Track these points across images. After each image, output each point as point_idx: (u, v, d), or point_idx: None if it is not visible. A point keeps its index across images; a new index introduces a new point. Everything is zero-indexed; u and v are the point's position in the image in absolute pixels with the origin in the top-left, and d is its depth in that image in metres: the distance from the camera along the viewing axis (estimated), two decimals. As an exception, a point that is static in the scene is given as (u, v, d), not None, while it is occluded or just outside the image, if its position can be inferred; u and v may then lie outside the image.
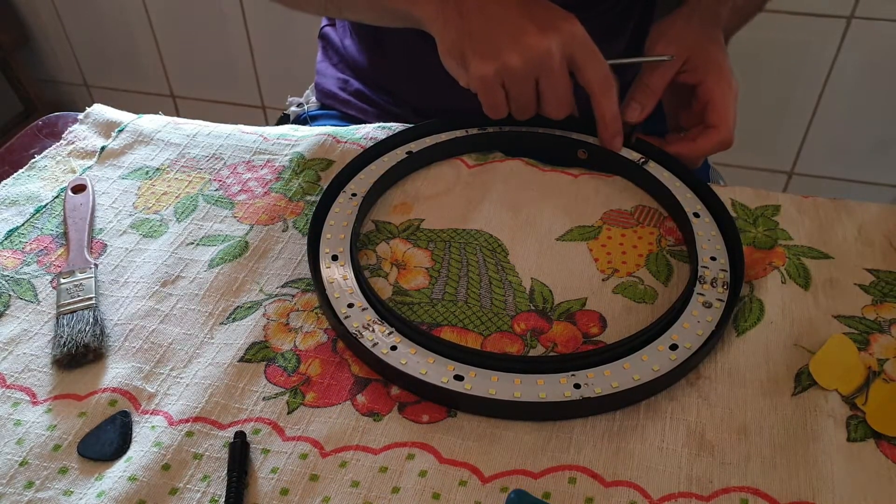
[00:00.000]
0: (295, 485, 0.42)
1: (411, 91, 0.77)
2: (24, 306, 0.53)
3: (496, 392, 0.45)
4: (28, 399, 0.47)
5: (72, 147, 0.67)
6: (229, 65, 1.63)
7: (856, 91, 1.35)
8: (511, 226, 0.57)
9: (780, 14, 1.27)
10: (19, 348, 0.50)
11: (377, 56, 0.78)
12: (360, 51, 0.79)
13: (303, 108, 0.86)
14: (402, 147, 0.63)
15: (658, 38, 0.63)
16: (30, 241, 0.58)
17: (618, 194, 0.60)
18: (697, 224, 0.55)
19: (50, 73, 1.87)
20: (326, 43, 0.85)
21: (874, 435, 0.43)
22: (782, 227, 0.56)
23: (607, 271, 0.54)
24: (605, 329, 0.50)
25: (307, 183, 0.62)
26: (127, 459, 0.43)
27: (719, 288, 0.50)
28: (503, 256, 0.55)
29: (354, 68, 0.80)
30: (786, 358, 0.48)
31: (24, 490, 0.42)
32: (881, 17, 1.26)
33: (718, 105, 0.60)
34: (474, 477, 0.42)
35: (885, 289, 0.51)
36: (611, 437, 0.44)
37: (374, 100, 0.79)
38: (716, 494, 0.41)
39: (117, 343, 0.50)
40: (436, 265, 0.55)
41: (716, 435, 0.44)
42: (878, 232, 0.55)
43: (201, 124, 0.69)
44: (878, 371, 0.46)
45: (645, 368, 0.46)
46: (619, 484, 0.42)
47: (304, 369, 0.48)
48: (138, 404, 0.46)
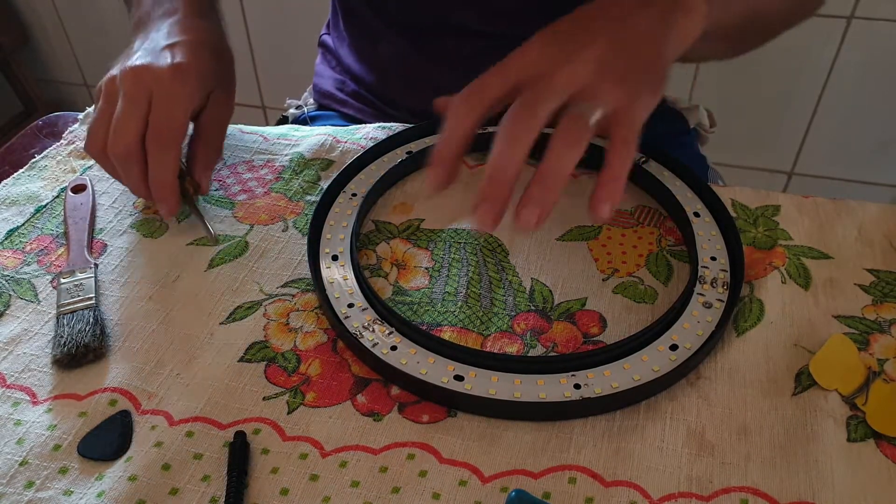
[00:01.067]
0: (295, 485, 0.42)
1: (407, 99, 0.76)
2: (24, 306, 0.53)
3: (496, 392, 0.45)
4: (28, 399, 0.47)
5: (72, 147, 0.67)
6: (229, 65, 1.63)
7: (856, 91, 1.35)
8: (511, 226, 0.57)
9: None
10: (19, 348, 0.50)
11: (373, 67, 0.78)
12: (356, 60, 0.79)
13: (301, 109, 0.86)
14: (402, 147, 0.63)
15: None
16: (30, 241, 0.58)
17: (618, 194, 0.60)
18: (697, 224, 0.55)
19: (50, 73, 1.87)
20: (325, 49, 0.85)
21: (874, 435, 0.43)
22: (782, 227, 0.56)
23: (607, 271, 0.54)
24: (605, 329, 0.50)
25: (307, 183, 0.62)
26: (127, 459, 0.43)
27: (719, 288, 0.50)
28: (503, 256, 0.55)
29: (351, 74, 0.80)
30: (786, 358, 0.48)
31: (25, 490, 0.42)
32: (881, 17, 1.27)
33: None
34: (474, 477, 0.42)
35: (885, 289, 0.52)
36: (611, 437, 0.44)
37: (372, 101, 0.79)
38: (716, 494, 0.41)
39: (117, 343, 0.50)
40: (436, 265, 0.55)
41: (716, 435, 0.44)
42: (878, 232, 0.56)
43: (201, 124, 0.69)
44: (878, 371, 0.46)
45: (645, 369, 0.46)
46: (619, 484, 0.42)
47: (304, 369, 0.48)
48: (138, 404, 0.46)
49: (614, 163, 0.44)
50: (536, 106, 0.45)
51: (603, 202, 0.44)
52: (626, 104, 0.46)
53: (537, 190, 0.43)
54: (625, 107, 0.45)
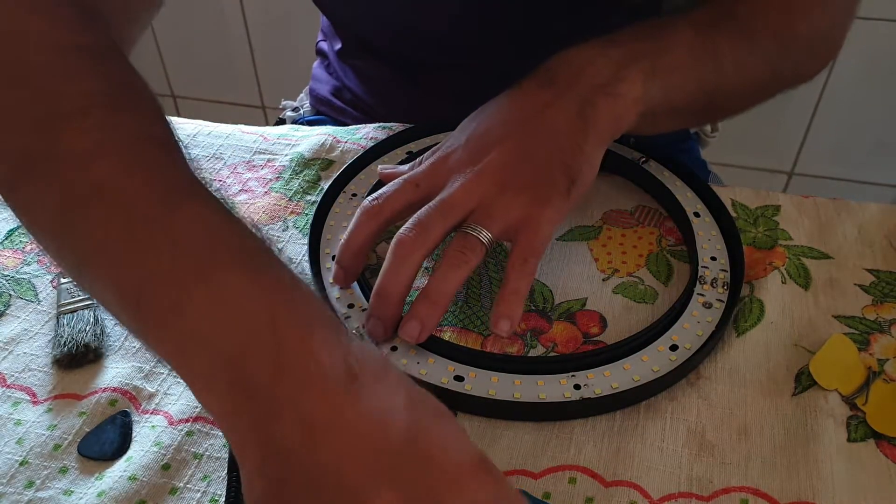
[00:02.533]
0: (295, 485, 0.42)
1: (402, 113, 0.75)
2: (24, 306, 0.53)
3: (496, 392, 0.45)
4: (28, 399, 0.47)
5: (72, 147, 0.67)
6: (229, 65, 1.63)
7: (856, 91, 1.35)
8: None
9: (780, 14, 1.27)
10: (19, 348, 0.50)
11: (365, 83, 0.77)
12: (348, 77, 0.79)
13: (298, 112, 0.85)
14: (402, 147, 0.63)
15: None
16: (30, 241, 0.58)
17: (618, 194, 0.60)
18: (697, 224, 0.55)
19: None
20: (322, 56, 0.85)
21: (874, 435, 0.43)
22: (782, 227, 0.56)
23: (607, 271, 0.54)
24: (605, 329, 0.50)
25: (307, 183, 0.62)
26: (127, 459, 0.43)
27: (719, 288, 0.50)
28: (503, 257, 0.55)
29: (347, 87, 0.80)
30: (786, 358, 0.48)
31: (25, 489, 0.42)
32: (881, 17, 1.26)
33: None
34: (474, 477, 0.42)
35: (886, 289, 0.52)
36: (611, 437, 0.44)
37: (370, 110, 0.78)
38: (716, 494, 0.41)
39: (118, 343, 0.50)
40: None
41: (716, 435, 0.44)
42: (878, 232, 0.56)
43: (201, 124, 0.69)
44: (878, 371, 0.46)
45: (645, 369, 0.46)
46: (619, 484, 0.42)
47: (304, 369, 0.48)
48: (138, 404, 0.46)
49: (511, 278, 0.45)
50: (429, 226, 0.46)
51: (501, 317, 0.45)
52: (528, 213, 0.46)
53: (422, 307, 0.45)
54: (527, 216, 0.46)
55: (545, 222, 0.46)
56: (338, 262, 0.50)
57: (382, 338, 0.46)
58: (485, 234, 0.45)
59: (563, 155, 0.47)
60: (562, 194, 0.47)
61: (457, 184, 0.47)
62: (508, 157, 0.47)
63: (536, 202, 0.46)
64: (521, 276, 0.45)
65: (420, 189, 0.49)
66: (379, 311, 0.46)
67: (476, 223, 0.46)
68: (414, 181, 0.49)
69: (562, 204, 0.47)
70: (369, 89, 0.77)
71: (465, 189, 0.47)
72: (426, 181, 0.49)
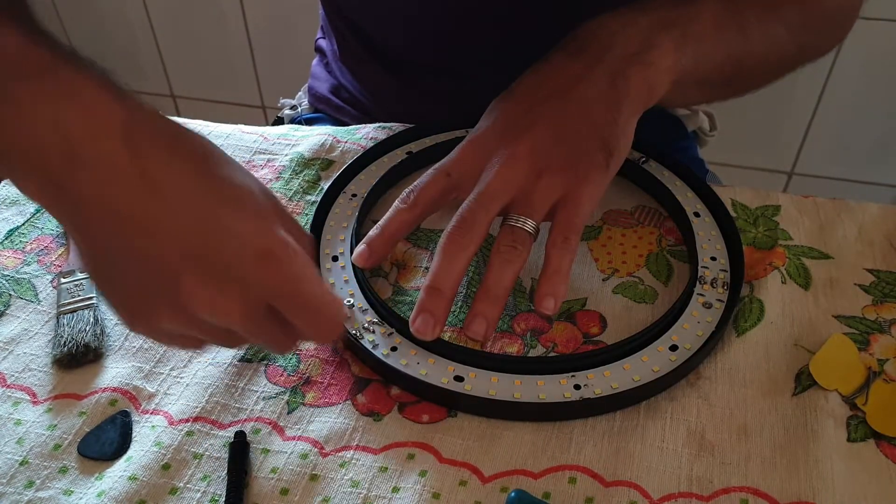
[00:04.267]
0: (295, 485, 0.42)
1: (400, 115, 0.75)
2: (24, 306, 0.53)
3: (496, 393, 0.45)
4: (28, 398, 0.47)
5: (72, 147, 0.67)
6: (229, 65, 1.63)
7: (856, 91, 1.35)
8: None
9: (780, 14, 1.27)
10: (19, 348, 0.50)
11: (362, 84, 0.77)
12: (345, 77, 0.79)
13: (296, 110, 0.85)
14: (403, 147, 0.63)
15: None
16: (30, 241, 0.58)
17: (618, 194, 0.60)
18: (697, 224, 0.55)
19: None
20: (322, 54, 0.85)
21: (874, 435, 0.43)
22: (782, 227, 0.56)
23: (607, 271, 0.54)
24: (605, 329, 0.50)
25: (307, 183, 0.62)
26: (127, 459, 0.43)
27: (719, 288, 0.50)
28: (503, 256, 0.55)
29: (345, 86, 0.80)
30: (786, 358, 0.48)
31: (25, 489, 0.42)
32: (881, 17, 1.26)
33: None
34: (474, 477, 0.42)
35: (886, 289, 0.52)
36: (611, 437, 0.44)
37: (368, 110, 0.77)
38: (716, 494, 0.41)
39: (117, 343, 0.50)
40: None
41: (716, 435, 0.44)
42: (878, 232, 0.56)
43: (201, 124, 0.69)
44: (878, 371, 0.46)
45: (645, 369, 0.46)
46: (619, 484, 0.42)
47: (304, 369, 0.48)
48: (138, 404, 0.46)
49: (553, 257, 0.45)
50: (473, 221, 0.45)
51: (546, 296, 0.45)
52: (567, 192, 0.46)
53: (483, 306, 0.45)
54: (566, 195, 0.46)
55: (586, 199, 0.46)
56: (367, 243, 0.49)
57: (433, 333, 0.45)
58: (530, 224, 0.46)
59: (599, 129, 0.47)
60: (601, 168, 0.46)
61: (492, 172, 0.47)
62: (543, 140, 0.47)
63: (575, 181, 0.46)
64: (564, 255, 0.45)
65: (452, 178, 0.49)
66: (431, 307, 0.45)
67: (518, 213, 0.46)
68: (445, 170, 0.49)
69: (601, 178, 0.47)
70: (366, 91, 0.77)
71: (502, 178, 0.46)
72: (457, 168, 0.49)
